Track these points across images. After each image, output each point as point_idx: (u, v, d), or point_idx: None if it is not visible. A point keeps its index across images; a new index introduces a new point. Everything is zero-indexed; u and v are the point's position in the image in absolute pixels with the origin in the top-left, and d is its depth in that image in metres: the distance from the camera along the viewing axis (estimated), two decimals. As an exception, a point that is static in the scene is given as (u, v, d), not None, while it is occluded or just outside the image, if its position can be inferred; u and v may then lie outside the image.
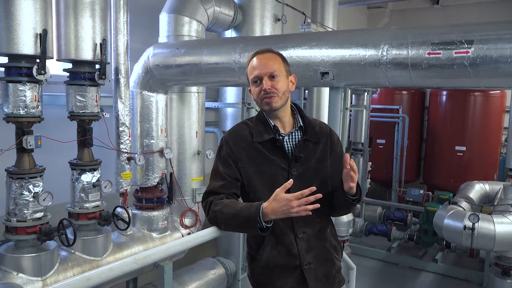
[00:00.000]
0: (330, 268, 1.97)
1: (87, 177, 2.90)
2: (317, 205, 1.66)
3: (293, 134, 1.94)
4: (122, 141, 3.20)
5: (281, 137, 1.91)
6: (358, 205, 4.92)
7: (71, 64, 2.85)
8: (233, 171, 1.89)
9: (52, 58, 2.64)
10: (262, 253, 1.92)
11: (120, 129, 3.19)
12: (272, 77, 1.84)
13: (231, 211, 1.78)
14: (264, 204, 1.71)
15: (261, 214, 1.70)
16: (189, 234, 3.76)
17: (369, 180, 6.68)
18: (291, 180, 1.69)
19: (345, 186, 1.80)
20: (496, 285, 4.44)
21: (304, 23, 4.75)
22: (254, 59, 1.89)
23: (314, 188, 1.66)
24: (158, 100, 3.56)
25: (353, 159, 1.83)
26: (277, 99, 1.85)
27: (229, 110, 4.62)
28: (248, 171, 1.89)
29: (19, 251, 2.57)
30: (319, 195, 1.65)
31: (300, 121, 1.96)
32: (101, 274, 1.50)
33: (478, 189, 5.34)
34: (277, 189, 1.69)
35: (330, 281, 1.97)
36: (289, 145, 1.92)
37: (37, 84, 2.54)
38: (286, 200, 1.65)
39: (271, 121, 1.92)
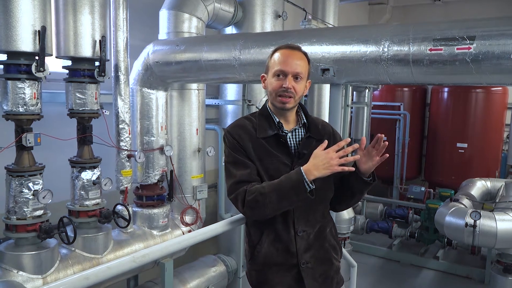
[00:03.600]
0: (328, 268, 1.96)
1: (87, 175, 2.89)
2: (358, 157, 1.72)
3: (297, 131, 1.93)
4: (122, 138, 3.19)
5: (284, 133, 1.90)
6: (359, 202, 4.91)
7: (70, 61, 2.84)
8: (248, 159, 1.85)
9: (51, 55, 2.63)
10: (260, 250, 1.91)
11: (120, 126, 3.18)
12: (296, 77, 1.82)
13: (271, 189, 1.72)
14: (303, 166, 1.70)
15: (304, 175, 1.68)
16: (189, 231, 3.75)
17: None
18: (326, 141, 1.72)
19: (364, 166, 1.79)
20: (498, 283, 4.43)
21: (305, 19, 4.72)
22: (284, 51, 1.85)
23: (349, 140, 1.70)
24: (158, 97, 3.54)
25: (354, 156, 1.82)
26: (292, 101, 1.84)
27: (230, 107, 4.60)
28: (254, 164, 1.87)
29: (19, 249, 2.57)
30: (356, 145, 1.71)
31: (304, 118, 1.94)
32: (99, 273, 1.49)
33: (479, 186, 5.32)
34: (315, 150, 1.71)
35: (327, 281, 1.96)
36: (292, 142, 1.91)
37: (36, 82, 2.53)
38: (324, 153, 1.67)
39: (275, 117, 1.90)
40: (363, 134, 6.62)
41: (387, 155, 1.78)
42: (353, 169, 1.68)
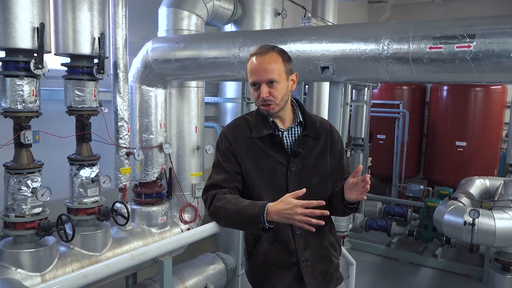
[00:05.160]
0: (328, 265, 1.96)
1: (86, 172, 2.89)
2: (322, 222, 1.64)
3: (293, 129, 1.92)
4: (121, 136, 3.18)
5: (280, 133, 1.89)
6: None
7: (69, 58, 2.83)
8: (233, 164, 1.87)
9: (50, 52, 2.62)
10: (259, 249, 1.91)
11: (119, 124, 3.17)
12: (270, 83, 1.79)
13: (234, 208, 1.74)
14: (270, 204, 1.68)
15: (265, 214, 1.67)
16: (188, 229, 3.75)
17: (369, 175, 6.65)
18: (304, 189, 1.65)
19: (348, 195, 1.77)
20: (496, 281, 4.43)
21: (305, 17, 4.72)
22: (254, 59, 1.80)
23: (323, 202, 1.63)
24: (157, 94, 3.54)
25: (353, 154, 1.81)
26: (274, 106, 1.82)
27: (229, 105, 4.60)
28: (247, 166, 1.87)
29: (17, 246, 2.56)
30: (326, 212, 1.63)
31: (300, 116, 1.93)
32: (98, 271, 1.49)
33: (478, 184, 5.32)
34: (288, 194, 1.67)
35: (327, 279, 1.96)
36: (288, 141, 1.90)
37: (35, 79, 2.52)
38: (292, 205, 1.61)
39: (270, 117, 1.90)
40: (362, 133, 6.62)
41: (365, 198, 1.77)
42: (313, 229, 1.63)
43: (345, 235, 5.29)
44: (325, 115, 5.12)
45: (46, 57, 2.49)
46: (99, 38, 2.79)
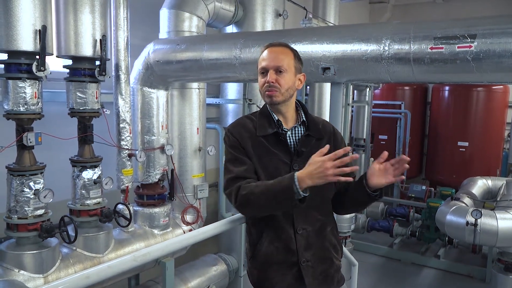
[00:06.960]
0: (329, 267, 1.96)
1: (88, 174, 2.90)
2: (356, 167, 1.63)
3: (296, 129, 1.93)
4: (123, 137, 3.19)
5: (284, 132, 1.90)
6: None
7: (71, 60, 2.84)
8: (246, 157, 1.86)
9: (52, 54, 2.63)
10: (260, 248, 1.91)
11: (121, 125, 3.18)
12: (278, 71, 1.83)
13: (263, 189, 1.71)
14: (298, 172, 1.65)
15: (296, 182, 1.64)
16: (190, 230, 3.75)
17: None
18: (327, 145, 1.64)
19: (377, 180, 1.75)
20: (499, 281, 4.42)
21: (306, 18, 4.72)
22: (266, 49, 1.89)
23: (348, 148, 1.64)
24: (159, 96, 3.55)
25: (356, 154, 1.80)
26: (278, 94, 1.84)
27: (230, 106, 4.60)
28: (252, 162, 1.87)
29: (20, 248, 2.57)
30: (356, 156, 1.64)
31: (303, 116, 1.95)
32: (100, 272, 1.49)
33: (480, 184, 5.31)
34: (313, 155, 1.64)
35: (328, 280, 1.95)
36: (291, 140, 1.92)
37: (37, 81, 2.53)
38: (321, 162, 1.60)
39: (274, 116, 1.91)
40: (364, 133, 6.62)
41: (403, 177, 1.73)
42: (350, 179, 1.62)
43: (347, 235, 5.28)
44: (326, 116, 5.12)
45: (48, 59, 2.50)
46: (100, 40, 2.80)
